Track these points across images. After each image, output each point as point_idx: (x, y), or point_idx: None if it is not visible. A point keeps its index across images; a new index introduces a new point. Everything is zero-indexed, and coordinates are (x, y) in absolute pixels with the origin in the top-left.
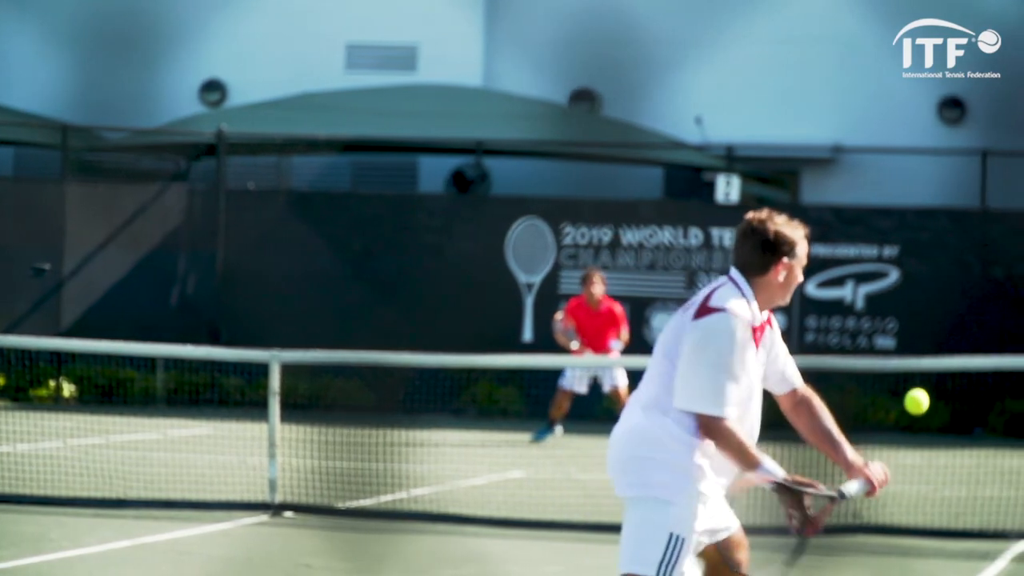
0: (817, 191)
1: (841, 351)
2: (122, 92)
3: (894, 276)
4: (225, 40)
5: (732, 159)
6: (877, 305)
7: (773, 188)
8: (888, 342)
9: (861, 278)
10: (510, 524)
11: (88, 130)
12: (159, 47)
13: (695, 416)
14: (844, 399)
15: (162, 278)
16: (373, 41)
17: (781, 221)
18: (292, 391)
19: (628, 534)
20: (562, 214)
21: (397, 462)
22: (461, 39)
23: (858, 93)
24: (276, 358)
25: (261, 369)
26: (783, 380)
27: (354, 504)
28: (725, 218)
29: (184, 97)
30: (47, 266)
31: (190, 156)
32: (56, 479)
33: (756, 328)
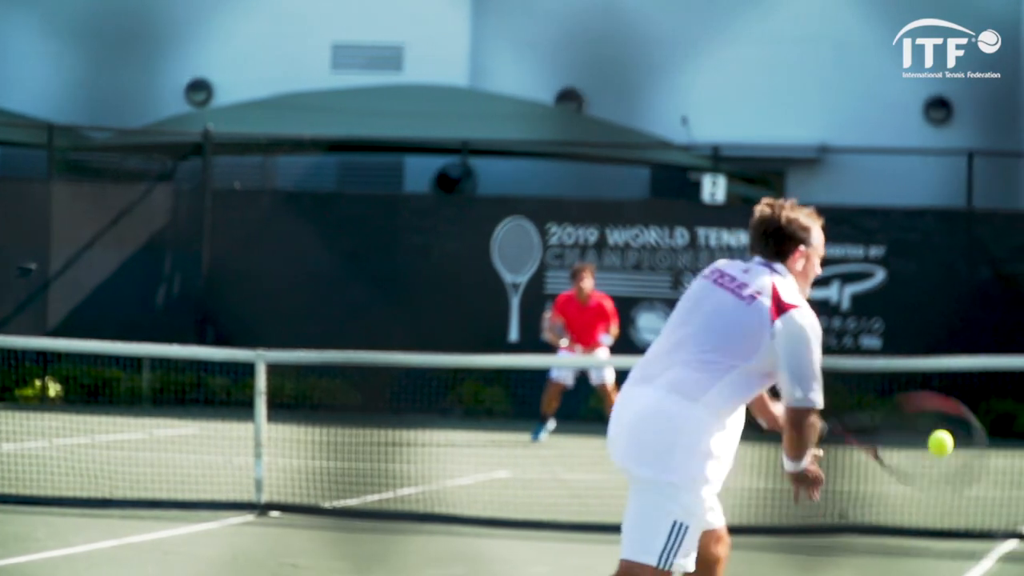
0: (803, 191)
1: (827, 351)
2: (108, 92)
3: (880, 276)
4: (211, 40)
5: (718, 159)
6: (863, 305)
7: (759, 188)
8: (874, 342)
9: (847, 278)
10: (496, 524)
11: (74, 130)
12: (145, 47)
13: (788, 405)
14: (830, 399)
15: (148, 278)
16: (359, 41)
17: (794, 208)
18: (278, 391)
19: (632, 520)
20: (548, 214)
21: (384, 462)
22: (447, 39)
23: (844, 93)
24: (262, 358)
25: (247, 369)
26: None
27: (341, 504)
28: (711, 218)
29: (170, 97)
30: (33, 266)
31: (176, 156)
32: (42, 479)
33: None
